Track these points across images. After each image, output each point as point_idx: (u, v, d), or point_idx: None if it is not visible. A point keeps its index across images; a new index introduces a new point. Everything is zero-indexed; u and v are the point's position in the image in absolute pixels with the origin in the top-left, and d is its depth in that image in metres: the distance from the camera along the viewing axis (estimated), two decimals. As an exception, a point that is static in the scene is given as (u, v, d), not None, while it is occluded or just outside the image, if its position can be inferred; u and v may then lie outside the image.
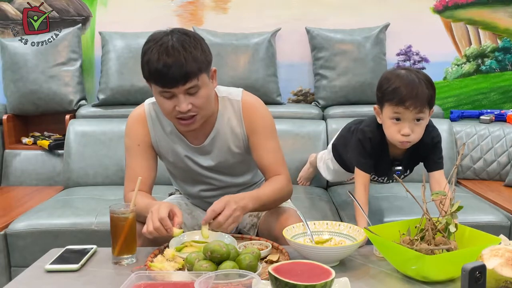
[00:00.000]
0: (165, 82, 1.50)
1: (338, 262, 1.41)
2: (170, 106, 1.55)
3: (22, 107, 3.07)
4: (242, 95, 1.72)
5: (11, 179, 2.99)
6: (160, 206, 1.47)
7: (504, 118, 3.10)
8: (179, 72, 1.48)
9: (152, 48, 1.51)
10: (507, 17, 3.23)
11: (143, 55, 1.54)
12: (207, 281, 1.11)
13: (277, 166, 1.71)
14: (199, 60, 1.52)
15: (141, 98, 3.02)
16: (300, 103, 3.29)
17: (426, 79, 1.68)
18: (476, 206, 2.45)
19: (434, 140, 1.80)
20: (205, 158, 1.73)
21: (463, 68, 3.29)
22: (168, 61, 1.47)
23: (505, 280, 1.13)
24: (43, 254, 1.52)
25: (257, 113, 1.71)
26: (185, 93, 1.53)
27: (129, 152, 1.72)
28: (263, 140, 1.70)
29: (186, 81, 1.50)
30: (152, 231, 1.43)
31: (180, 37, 1.52)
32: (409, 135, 1.69)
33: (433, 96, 1.68)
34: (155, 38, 1.53)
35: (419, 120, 1.69)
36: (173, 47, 1.49)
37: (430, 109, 1.70)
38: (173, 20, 3.19)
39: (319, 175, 2.70)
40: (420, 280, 1.29)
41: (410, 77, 1.66)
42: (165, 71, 1.48)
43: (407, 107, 1.65)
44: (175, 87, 1.51)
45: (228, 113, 1.70)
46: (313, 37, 3.12)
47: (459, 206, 1.35)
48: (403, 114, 1.67)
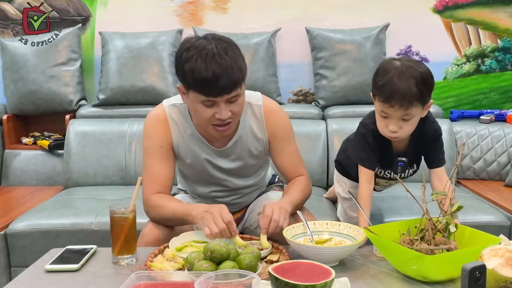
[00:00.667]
0: (211, 91, 1.49)
1: (338, 262, 1.41)
2: (210, 114, 1.55)
3: (22, 107, 3.07)
4: (262, 99, 1.74)
5: (11, 179, 2.99)
6: (221, 209, 1.48)
7: (504, 118, 3.10)
8: (227, 82, 1.48)
9: (196, 56, 1.48)
10: (507, 17, 3.23)
11: (185, 63, 1.50)
12: (207, 281, 1.11)
13: (298, 168, 1.78)
14: (242, 68, 1.52)
15: (141, 98, 3.08)
16: (300, 103, 3.29)
17: (419, 75, 1.58)
18: (476, 206, 2.45)
19: (437, 133, 1.76)
20: (225, 160, 1.74)
21: (463, 68, 3.29)
22: (217, 71, 1.46)
23: (505, 280, 1.13)
24: (43, 254, 1.52)
25: (278, 118, 1.74)
26: (226, 102, 1.53)
27: (149, 154, 1.70)
28: (284, 145, 1.75)
29: (232, 90, 1.50)
30: (218, 232, 1.43)
31: (221, 44, 1.51)
32: (396, 132, 1.65)
33: (424, 92, 1.59)
34: (196, 45, 1.50)
35: (407, 119, 1.62)
36: (219, 55, 1.47)
37: (422, 105, 1.62)
38: (173, 20, 3.19)
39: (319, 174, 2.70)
40: (420, 280, 1.29)
41: (401, 74, 1.58)
42: (214, 81, 1.47)
43: (392, 105, 1.59)
44: (220, 96, 1.50)
45: (250, 117, 1.72)
46: (313, 37, 3.12)
47: (459, 206, 1.35)
48: (389, 111, 1.62)
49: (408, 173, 1.87)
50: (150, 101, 3.03)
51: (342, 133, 2.89)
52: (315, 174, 2.79)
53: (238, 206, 1.88)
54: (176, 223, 1.64)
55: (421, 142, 1.77)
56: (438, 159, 1.79)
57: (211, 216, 1.45)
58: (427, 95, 1.63)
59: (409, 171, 1.87)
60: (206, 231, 1.45)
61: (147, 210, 1.67)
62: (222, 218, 1.45)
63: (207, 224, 1.45)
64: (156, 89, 3.00)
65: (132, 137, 2.90)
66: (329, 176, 2.89)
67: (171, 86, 3.02)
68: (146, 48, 3.01)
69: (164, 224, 1.66)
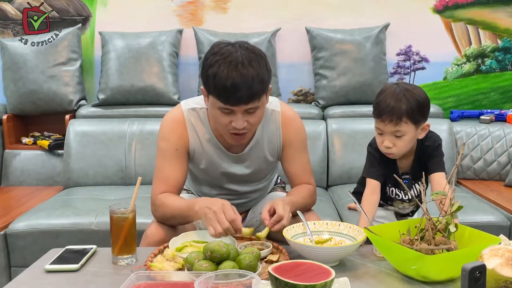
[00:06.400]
0: (229, 100, 1.49)
1: (338, 262, 1.41)
2: (226, 121, 1.55)
3: (22, 107, 3.07)
4: (281, 106, 1.74)
5: (11, 179, 2.99)
6: (224, 206, 1.46)
7: (504, 118, 3.10)
8: (246, 93, 1.48)
9: (220, 62, 1.48)
10: (507, 17, 3.23)
11: (209, 67, 1.51)
12: (207, 281, 1.11)
13: (308, 178, 1.78)
14: (264, 81, 1.52)
15: (141, 98, 3.08)
16: (300, 103, 3.29)
17: (412, 96, 1.66)
18: (476, 206, 2.45)
19: (436, 143, 1.80)
20: (240, 166, 1.74)
21: (463, 68, 3.29)
22: (237, 81, 1.46)
23: (505, 280, 1.13)
24: (43, 254, 1.52)
25: (295, 126, 1.75)
26: (244, 112, 1.53)
27: (164, 155, 1.69)
28: (298, 153, 1.75)
29: (250, 101, 1.50)
30: (222, 232, 1.43)
31: (248, 54, 1.51)
32: (390, 147, 1.70)
33: (414, 111, 1.65)
34: (223, 51, 1.51)
35: (399, 136, 1.68)
36: (242, 65, 1.47)
37: (414, 125, 1.68)
38: (173, 20, 3.19)
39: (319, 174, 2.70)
40: (420, 280, 1.29)
41: (393, 92, 1.67)
42: (233, 90, 1.47)
43: (383, 120, 1.67)
44: (237, 106, 1.50)
45: (267, 123, 1.72)
46: (313, 37, 3.12)
47: (459, 206, 1.35)
48: (382, 127, 1.69)
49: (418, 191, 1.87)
50: (150, 101, 3.04)
51: (342, 133, 2.90)
52: (315, 174, 2.72)
53: (243, 208, 1.88)
54: (180, 221, 1.64)
55: (423, 157, 1.80)
56: (436, 165, 1.79)
57: (215, 216, 1.44)
58: (419, 115, 1.68)
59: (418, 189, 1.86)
60: (210, 231, 1.44)
61: (153, 210, 1.67)
62: (226, 216, 1.44)
63: (211, 223, 1.45)
64: (156, 89, 3.00)
65: (132, 137, 2.90)
66: (329, 176, 2.89)
67: (171, 86, 3.02)
68: (146, 48, 3.01)
69: (169, 224, 1.65)
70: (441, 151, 1.81)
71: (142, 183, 1.52)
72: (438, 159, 1.80)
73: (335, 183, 2.87)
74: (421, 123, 1.71)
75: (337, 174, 2.87)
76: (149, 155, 2.81)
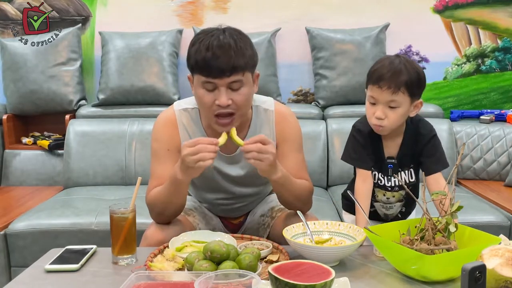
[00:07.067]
0: (210, 71, 1.49)
1: (338, 262, 1.41)
2: (211, 100, 1.53)
3: (22, 107, 3.07)
4: (275, 105, 1.73)
5: (11, 179, 2.99)
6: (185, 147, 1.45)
7: (504, 118, 3.10)
8: (226, 63, 1.48)
9: (202, 39, 1.51)
10: (507, 17, 3.23)
11: (191, 46, 1.54)
12: (207, 281, 1.11)
13: (303, 173, 1.72)
14: (246, 56, 1.52)
15: (141, 98, 3.08)
16: (300, 103, 3.29)
17: (412, 68, 1.63)
18: (476, 206, 2.45)
19: (431, 133, 1.74)
20: (234, 167, 1.72)
21: (463, 68, 3.29)
22: (217, 52, 1.47)
23: (505, 280, 1.13)
24: (43, 254, 1.52)
25: (289, 124, 1.72)
26: (227, 87, 1.52)
27: (156, 157, 1.69)
28: (291, 152, 1.71)
29: (232, 73, 1.49)
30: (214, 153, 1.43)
31: (232, 33, 1.53)
32: (382, 119, 1.64)
33: (413, 83, 1.62)
34: (207, 31, 1.54)
35: (394, 107, 1.63)
36: (224, 38, 1.50)
37: (410, 97, 1.63)
38: (173, 20, 3.19)
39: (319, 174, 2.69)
40: (420, 280, 1.29)
41: (393, 61, 1.63)
42: (213, 60, 1.47)
43: (380, 86, 1.62)
44: (219, 78, 1.50)
45: (261, 122, 1.70)
46: (313, 37, 3.12)
47: (459, 206, 1.35)
48: (377, 95, 1.63)
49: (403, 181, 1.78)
50: (150, 101, 3.04)
51: (342, 133, 2.90)
52: (315, 174, 2.79)
53: (242, 211, 1.87)
54: (176, 201, 1.61)
55: (414, 145, 1.74)
56: (433, 164, 1.73)
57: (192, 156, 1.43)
58: (416, 89, 1.64)
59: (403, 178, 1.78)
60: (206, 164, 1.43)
61: (150, 210, 1.66)
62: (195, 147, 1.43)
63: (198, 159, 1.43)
64: (156, 89, 3.01)
65: (132, 137, 2.90)
66: (329, 176, 2.89)
67: (171, 86, 3.02)
68: (146, 48, 3.01)
69: (167, 222, 1.65)
70: (436, 147, 1.75)
71: (142, 183, 1.52)
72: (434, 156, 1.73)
73: (335, 183, 2.87)
74: (416, 98, 1.66)
75: (337, 174, 2.87)
76: (149, 155, 2.74)
